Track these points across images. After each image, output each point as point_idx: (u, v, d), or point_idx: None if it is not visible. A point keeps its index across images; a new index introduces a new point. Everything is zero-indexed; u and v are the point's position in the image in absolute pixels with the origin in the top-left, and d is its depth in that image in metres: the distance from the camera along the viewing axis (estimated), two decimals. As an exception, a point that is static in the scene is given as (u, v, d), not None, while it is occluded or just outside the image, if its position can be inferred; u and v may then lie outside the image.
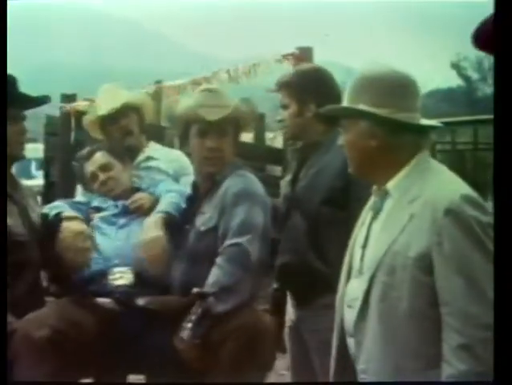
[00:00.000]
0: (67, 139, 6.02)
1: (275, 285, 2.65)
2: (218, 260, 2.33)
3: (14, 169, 2.62)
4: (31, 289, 2.44)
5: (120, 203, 2.76)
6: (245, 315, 2.26)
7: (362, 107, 1.82)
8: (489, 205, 1.71)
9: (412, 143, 1.84)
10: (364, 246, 1.88)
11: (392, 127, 1.81)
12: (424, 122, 1.87)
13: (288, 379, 2.79)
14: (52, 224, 2.55)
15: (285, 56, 6.98)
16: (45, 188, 6.71)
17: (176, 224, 2.57)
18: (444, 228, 1.68)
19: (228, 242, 2.35)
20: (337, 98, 2.51)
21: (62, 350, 2.24)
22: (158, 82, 9.84)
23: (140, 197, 2.78)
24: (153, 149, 3.20)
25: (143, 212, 2.72)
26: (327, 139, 2.51)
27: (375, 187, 1.92)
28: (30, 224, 2.53)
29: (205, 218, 2.48)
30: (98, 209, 2.74)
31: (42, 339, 2.21)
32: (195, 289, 2.28)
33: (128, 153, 3.04)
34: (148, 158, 3.14)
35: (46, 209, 2.65)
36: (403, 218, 1.76)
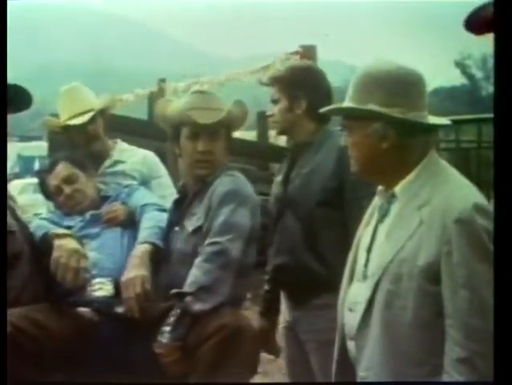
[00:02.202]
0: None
1: (266, 287, 2.63)
2: (197, 260, 2.28)
3: (17, 167, 2.60)
4: (26, 284, 2.41)
5: (88, 214, 2.69)
6: (226, 315, 2.21)
7: (372, 107, 1.73)
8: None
9: (421, 143, 1.77)
10: (369, 250, 1.82)
11: (404, 128, 1.74)
12: (434, 120, 1.80)
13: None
14: (42, 244, 2.49)
15: (290, 54, 7.00)
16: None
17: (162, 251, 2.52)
18: (454, 238, 1.63)
19: (207, 241, 2.30)
20: (328, 96, 2.50)
21: (20, 347, 2.20)
22: (162, 80, 9.85)
23: (115, 209, 2.72)
24: (120, 151, 3.09)
25: (116, 223, 2.68)
26: (317, 138, 2.49)
27: (380, 188, 1.85)
28: (18, 218, 2.51)
29: (194, 219, 2.45)
30: (69, 228, 2.63)
31: None
32: (173, 290, 2.24)
33: (93, 159, 2.97)
34: (116, 162, 3.04)
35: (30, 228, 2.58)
36: (411, 224, 1.70)
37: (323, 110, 1.96)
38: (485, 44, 1.67)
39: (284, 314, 2.60)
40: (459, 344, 1.62)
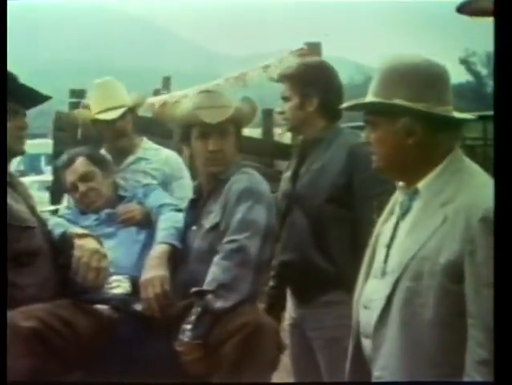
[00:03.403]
0: (75, 134, 6.03)
1: (272, 283, 2.62)
2: (215, 258, 2.29)
3: (22, 165, 2.62)
4: (46, 280, 2.41)
5: (103, 213, 2.71)
6: (247, 313, 2.21)
7: (398, 101, 1.69)
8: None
9: (447, 139, 1.73)
10: (389, 246, 1.78)
11: (431, 123, 1.70)
12: (459, 115, 1.76)
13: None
14: (60, 242, 2.50)
15: (294, 52, 6.98)
16: (53, 183, 6.73)
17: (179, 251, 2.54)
18: (478, 237, 1.59)
19: (226, 239, 2.31)
20: (340, 94, 2.50)
21: (47, 343, 2.21)
22: (167, 78, 9.86)
23: (131, 209, 2.74)
24: (144, 149, 3.11)
25: (133, 223, 2.69)
26: (327, 135, 2.48)
27: (402, 184, 1.81)
28: (37, 215, 2.51)
29: (210, 217, 2.45)
30: (84, 227, 2.63)
31: (27, 330, 2.16)
32: (193, 289, 2.24)
33: (117, 153, 3.01)
34: (138, 159, 3.07)
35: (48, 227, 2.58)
36: (434, 222, 1.66)
37: (347, 104, 1.90)
38: (489, 41, 1.68)
39: (289, 311, 2.60)
40: (481, 345, 1.58)
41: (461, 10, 1.73)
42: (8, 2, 1.95)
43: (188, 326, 2.20)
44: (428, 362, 1.66)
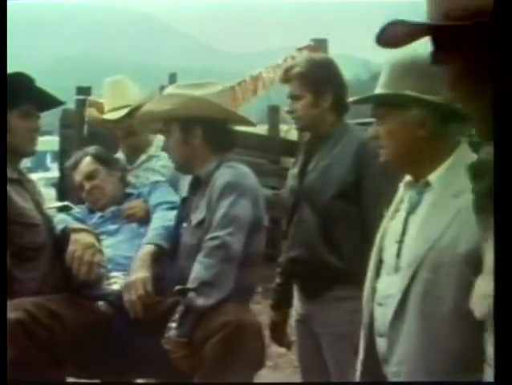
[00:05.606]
0: (81, 131, 6.04)
1: (278, 280, 2.61)
2: (198, 255, 2.28)
3: (28, 162, 2.64)
4: (47, 276, 2.44)
5: (108, 211, 2.74)
6: (230, 312, 2.19)
7: (409, 93, 1.70)
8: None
9: (454, 132, 1.74)
10: (401, 241, 1.76)
11: (441, 116, 1.71)
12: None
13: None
14: (62, 238, 2.52)
15: (301, 49, 6.98)
16: (60, 180, 6.75)
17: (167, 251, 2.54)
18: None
19: (208, 236, 2.29)
20: (347, 88, 2.50)
21: (33, 336, 2.20)
22: (173, 75, 9.86)
23: (134, 205, 2.76)
24: (157, 146, 3.08)
25: (135, 220, 2.72)
26: (335, 131, 2.47)
27: (408, 179, 1.81)
28: (43, 212, 2.53)
29: (197, 212, 2.44)
30: (91, 225, 2.68)
31: (12, 321, 2.15)
32: (176, 287, 2.23)
33: (132, 152, 3.04)
34: (150, 157, 3.08)
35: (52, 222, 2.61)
36: (449, 213, 1.66)
37: (358, 98, 1.89)
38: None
39: (297, 308, 2.59)
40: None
41: (379, 43, 1.48)
42: (8, 2, 1.94)
43: (173, 324, 2.21)
44: (447, 355, 1.64)
